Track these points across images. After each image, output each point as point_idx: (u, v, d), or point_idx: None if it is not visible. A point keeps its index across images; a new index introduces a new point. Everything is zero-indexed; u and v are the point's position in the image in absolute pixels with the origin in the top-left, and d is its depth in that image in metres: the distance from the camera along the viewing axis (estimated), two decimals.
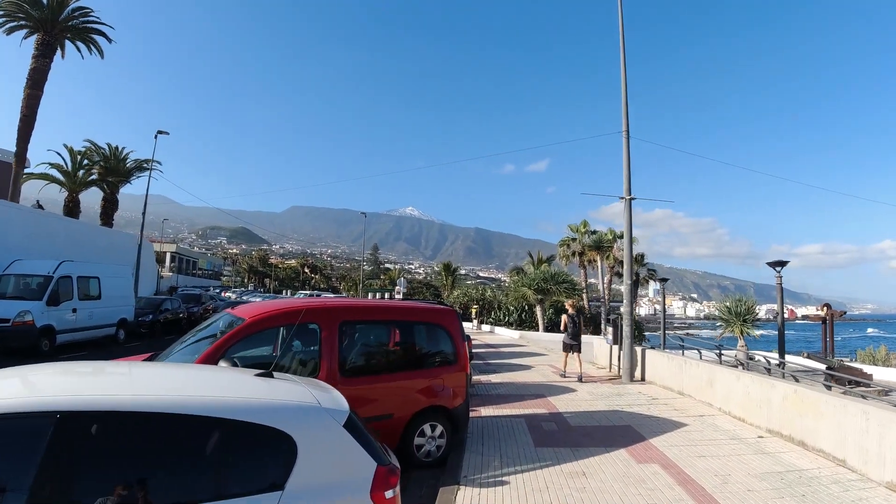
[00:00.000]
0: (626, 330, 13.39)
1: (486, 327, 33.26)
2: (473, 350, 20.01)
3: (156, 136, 36.18)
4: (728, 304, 17.90)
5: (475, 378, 13.31)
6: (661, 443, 7.71)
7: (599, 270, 35.10)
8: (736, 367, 16.16)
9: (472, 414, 9.21)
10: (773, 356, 18.31)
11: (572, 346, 13.62)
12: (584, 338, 28.17)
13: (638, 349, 13.72)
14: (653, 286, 53.75)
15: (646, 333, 32.96)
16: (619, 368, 14.57)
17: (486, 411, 9.65)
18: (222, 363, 5.31)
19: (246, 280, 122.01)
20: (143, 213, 36.95)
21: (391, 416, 6.35)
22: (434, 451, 6.72)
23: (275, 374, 3.69)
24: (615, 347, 14.80)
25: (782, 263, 19.22)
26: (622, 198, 13.92)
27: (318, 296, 46.32)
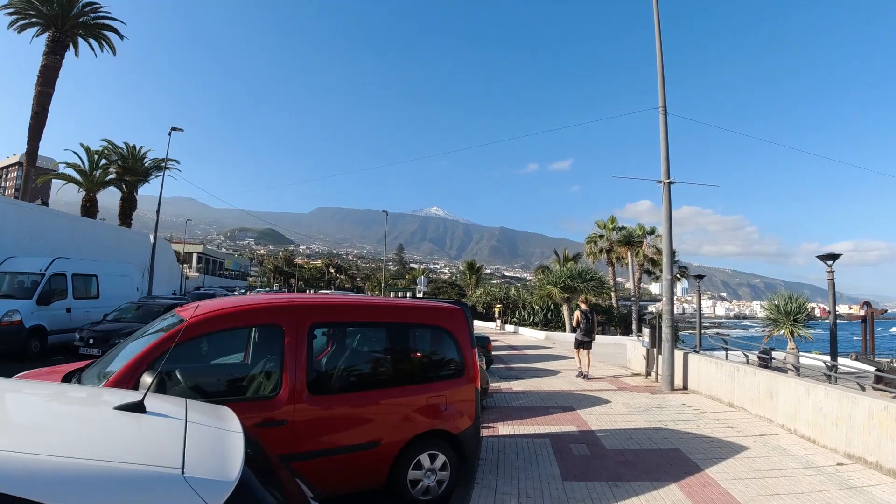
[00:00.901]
0: (665, 332, 11.79)
1: (509, 328, 31.71)
2: (494, 353, 18.56)
3: (170, 133, 35.36)
4: (777, 301, 16.08)
5: (494, 385, 11.87)
6: (720, 474, 6.17)
7: (630, 267, 33.20)
8: (784, 372, 14.44)
9: (488, 432, 7.79)
10: (814, 359, 16.47)
11: (584, 343, 13.49)
12: (613, 339, 27.01)
13: (679, 354, 12.11)
14: (681, 285, 51.34)
15: (679, 334, 31.04)
16: (656, 375, 12.99)
17: (504, 428, 8.20)
18: (146, 378, 3.97)
19: (271, 280, 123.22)
20: (157, 212, 36.36)
21: (378, 444, 4.96)
22: (434, 488, 5.29)
23: (162, 400, 2.34)
24: (653, 351, 13.21)
25: (834, 257, 17.37)
26: (660, 181, 12.32)
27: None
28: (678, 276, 48.43)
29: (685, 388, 11.96)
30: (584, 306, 14.05)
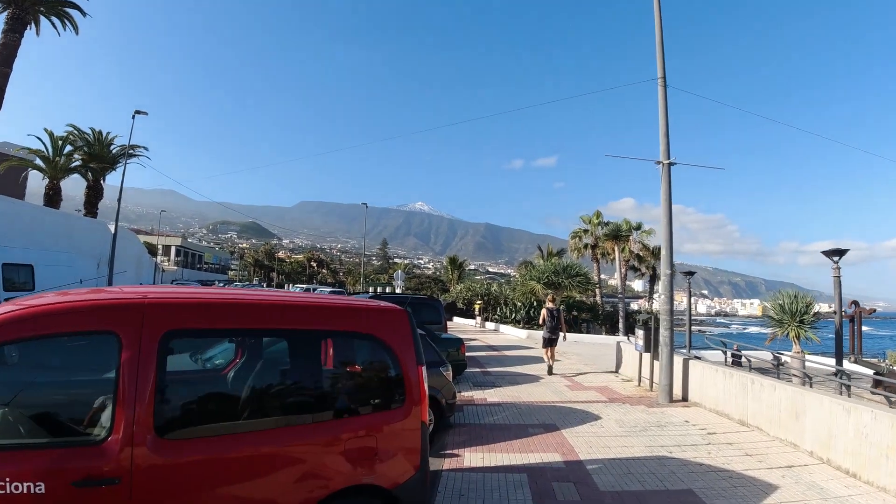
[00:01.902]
0: (664, 335, 10.22)
1: (490, 325, 30.10)
2: (471, 354, 16.91)
3: (133, 116, 33.09)
4: (781, 300, 14.62)
5: (466, 395, 10.23)
6: None
7: (617, 262, 31.71)
8: (782, 378, 13.00)
9: (451, 462, 6.16)
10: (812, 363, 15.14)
11: (551, 341, 13.38)
12: (600, 338, 25.54)
13: (678, 360, 10.55)
14: (655, 283, 50.20)
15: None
16: (651, 383, 11.44)
17: (471, 457, 6.54)
18: None
19: (251, 274, 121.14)
20: (119, 200, 34.12)
21: None
22: None
23: None
24: (646, 356, 11.66)
25: (840, 252, 15.99)
26: (658, 162, 10.73)
27: (312, 290, 43.44)
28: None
29: (685, 399, 10.42)
30: (550, 304, 13.92)
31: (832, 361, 18.74)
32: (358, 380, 3.99)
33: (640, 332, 11.50)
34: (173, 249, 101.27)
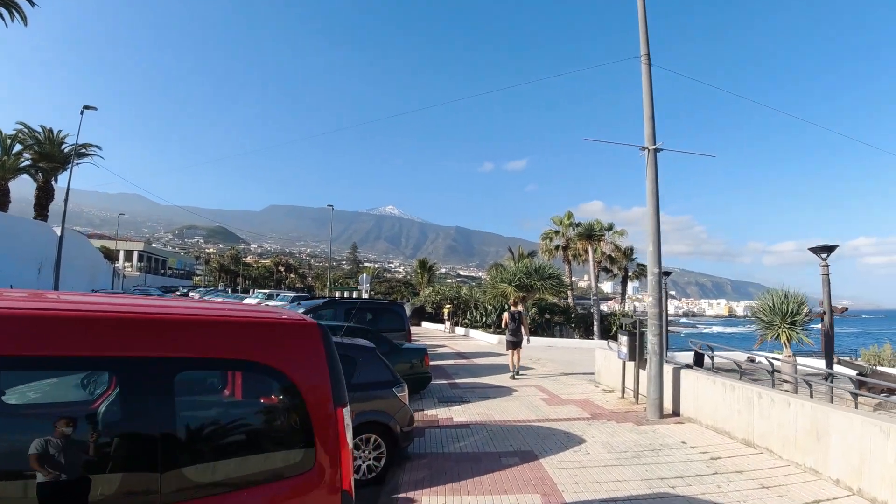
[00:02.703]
0: (652, 341, 9.04)
1: (460, 330, 28.77)
2: (438, 363, 15.56)
3: (82, 112, 30.91)
4: (770, 300, 13.63)
5: (430, 415, 8.89)
6: None
7: (590, 263, 30.70)
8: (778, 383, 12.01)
9: None
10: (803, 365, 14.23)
11: (514, 343, 13.29)
12: (575, 342, 24.41)
13: (668, 369, 9.39)
14: (631, 284, 49.59)
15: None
16: (636, 394, 10.27)
17: (430, 502, 5.20)
18: None
19: (217, 279, 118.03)
20: (66, 200, 32.11)
21: None
22: None
23: None
24: (630, 365, 10.48)
25: (829, 249, 15.17)
26: (644, 148, 9.57)
27: (276, 295, 41.56)
28: (636, 273, 46.67)
29: (676, 413, 9.26)
30: (513, 308, 14.18)
31: (814, 363, 18.00)
32: (234, 435, 2.58)
33: (623, 339, 10.31)
34: (136, 254, 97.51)
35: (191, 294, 68.44)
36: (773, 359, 12.78)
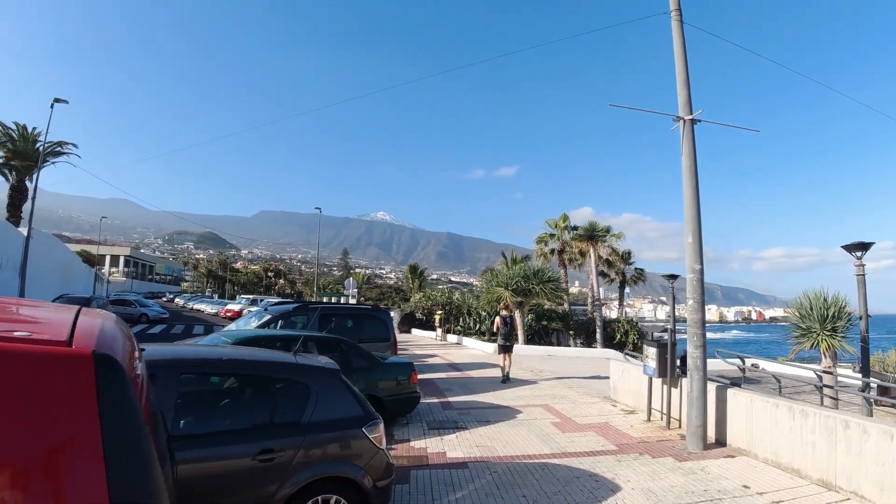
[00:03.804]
0: (693, 355, 7.30)
1: (452, 338, 26.96)
2: (430, 375, 13.76)
3: (52, 105, 28.87)
4: (807, 302, 11.98)
5: (418, 448, 7.10)
6: None
7: (592, 265, 28.92)
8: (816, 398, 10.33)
9: None
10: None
11: (505, 347, 13.49)
12: (575, 351, 22.64)
13: (711, 387, 7.66)
14: (627, 289, 47.65)
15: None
16: (666, 417, 8.54)
17: None
18: None
19: (204, 285, 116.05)
20: (33, 199, 30.07)
21: None
22: None
23: None
24: (657, 382, 8.76)
25: (865, 246, 13.45)
26: (678, 118, 7.88)
27: (260, 301, 39.69)
28: (634, 278, 45.04)
29: (721, 443, 7.52)
30: (504, 312, 14.17)
31: (847, 372, 16.35)
32: None
33: (650, 351, 8.56)
34: (122, 259, 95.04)
35: (176, 300, 66.48)
36: (795, 367, 11.12)
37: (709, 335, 10.21)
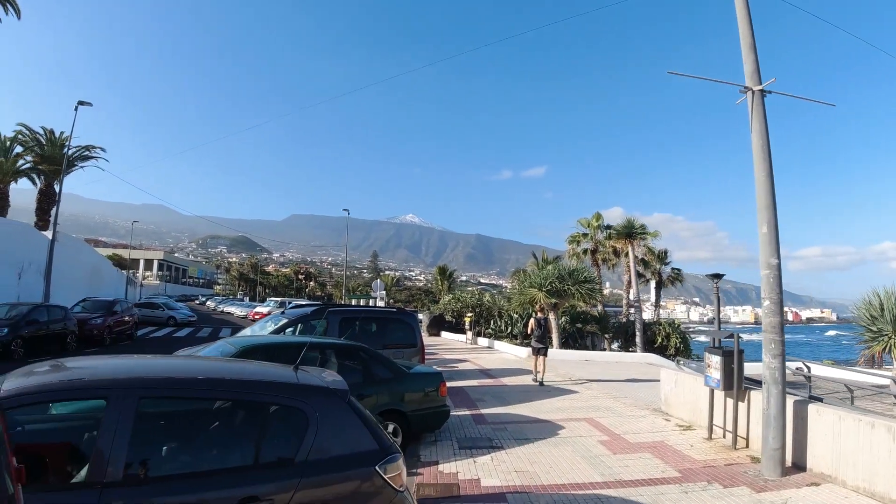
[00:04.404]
0: (771, 365, 6.20)
1: (482, 341, 25.95)
2: (460, 383, 12.79)
3: (76, 108, 28.86)
4: (877, 302, 10.70)
5: (447, 473, 6.17)
6: None
7: (631, 264, 27.45)
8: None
9: None
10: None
11: (539, 350, 13.33)
12: (615, 356, 21.39)
13: (789, 402, 6.54)
14: (649, 289, 45.47)
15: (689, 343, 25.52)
16: (732, 435, 7.43)
17: None
18: None
19: (237, 288, 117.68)
20: (57, 203, 30.36)
21: None
22: None
23: None
24: (720, 394, 7.66)
25: None
26: (745, 88, 6.80)
27: (288, 304, 39.34)
28: (671, 278, 43.28)
29: (800, 466, 6.41)
30: (539, 314, 14.40)
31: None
32: None
33: (714, 359, 7.46)
34: (156, 263, 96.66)
35: (207, 303, 67.06)
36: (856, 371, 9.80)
37: (744, 336, 9.05)
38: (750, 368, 9.99)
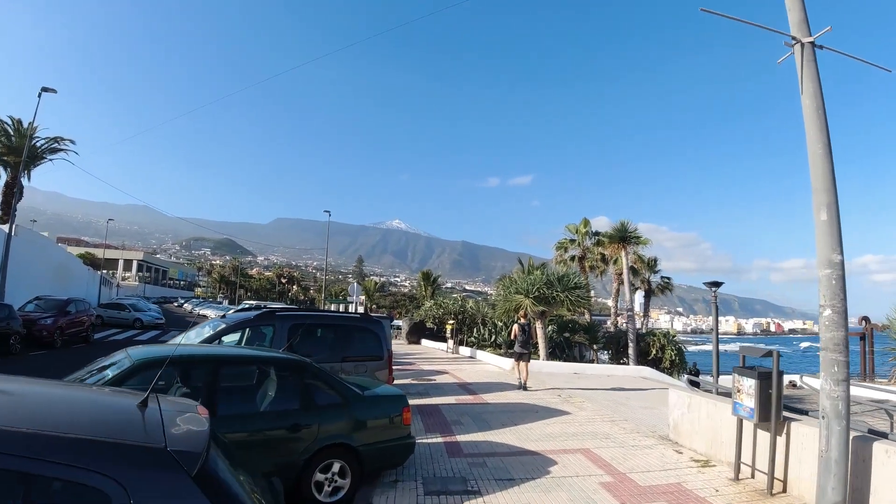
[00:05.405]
0: (835, 394, 4.73)
1: (464, 350, 24.39)
2: (434, 401, 11.13)
3: (39, 95, 26.95)
4: None
5: None
6: None
7: (625, 270, 25.86)
8: None
9: None
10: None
11: (522, 355, 13.41)
12: (607, 368, 19.88)
13: (851, 442, 5.08)
14: (638, 298, 43.83)
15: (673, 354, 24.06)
16: (769, 478, 5.93)
17: None
18: None
19: (217, 290, 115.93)
20: (18, 193, 28.63)
21: None
22: None
23: None
24: (752, 427, 6.20)
25: None
26: (793, 39, 5.37)
27: (262, 306, 37.35)
28: (661, 286, 42.01)
29: None
30: (522, 320, 14.37)
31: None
32: None
33: (747, 382, 5.95)
34: (135, 264, 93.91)
35: (185, 305, 64.90)
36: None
37: (723, 347, 7.60)
38: (722, 380, 8.60)
